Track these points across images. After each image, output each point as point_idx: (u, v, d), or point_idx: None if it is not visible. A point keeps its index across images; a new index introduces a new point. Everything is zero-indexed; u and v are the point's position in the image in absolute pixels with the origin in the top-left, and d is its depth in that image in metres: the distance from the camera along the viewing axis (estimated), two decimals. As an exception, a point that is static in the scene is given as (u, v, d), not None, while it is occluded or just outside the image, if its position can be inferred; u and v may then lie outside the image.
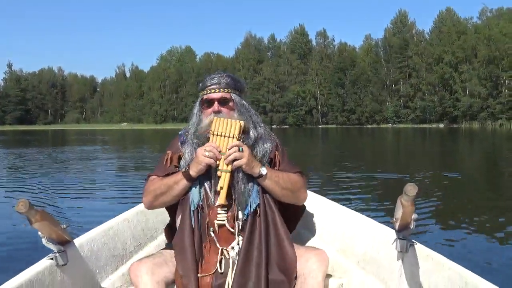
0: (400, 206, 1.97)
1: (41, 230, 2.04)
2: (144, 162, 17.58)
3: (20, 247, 5.50)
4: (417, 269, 2.14)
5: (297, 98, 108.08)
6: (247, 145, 2.39)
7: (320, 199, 3.31)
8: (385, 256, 2.40)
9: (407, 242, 2.19)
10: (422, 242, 2.27)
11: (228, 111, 2.46)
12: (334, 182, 11.34)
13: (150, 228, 3.10)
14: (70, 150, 27.67)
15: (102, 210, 7.89)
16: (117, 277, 2.59)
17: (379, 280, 2.45)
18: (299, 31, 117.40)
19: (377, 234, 2.56)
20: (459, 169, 14.56)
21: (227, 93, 2.48)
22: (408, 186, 1.84)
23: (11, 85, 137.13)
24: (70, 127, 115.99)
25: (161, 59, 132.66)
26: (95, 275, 2.46)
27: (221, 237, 2.34)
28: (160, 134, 53.49)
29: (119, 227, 2.79)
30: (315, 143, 36.74)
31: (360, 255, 2.65)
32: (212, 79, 2.52)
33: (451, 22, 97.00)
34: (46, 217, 2.01)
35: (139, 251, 2.91)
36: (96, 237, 2.55)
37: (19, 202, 1.87)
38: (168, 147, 2.56)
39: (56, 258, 2.13)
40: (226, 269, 2.29)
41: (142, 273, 2.19)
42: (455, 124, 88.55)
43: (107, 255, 2.59)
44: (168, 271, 2.29)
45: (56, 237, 2.13)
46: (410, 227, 2.09)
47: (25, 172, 14.67)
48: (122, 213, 2.99)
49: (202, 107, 2.51)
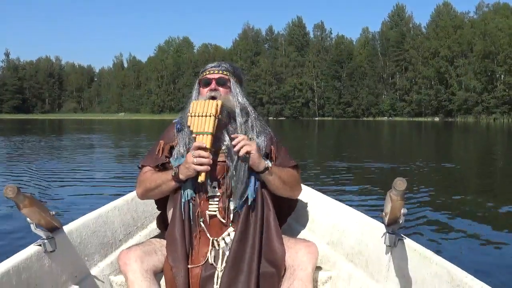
0: (389, 201, 1.97)
1: (29, 216, 2.03)
2: (139, 152, 17.56)
3: (8, 232, 5.50)
4: (405, 263, 2.15)
5: (294, 90, 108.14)
6: (232, 128, 2.41)
7: (311, 192, 3.31)
8: (374, 250, 2.41)
9: (396, 237, 2.19)
10: (411, 236, 2.28)
11: (225, 91, 2.46)
12: (326, 174, 11.35)
13: (140, 217, 3.09)
14: (66, 138, 27.68)
15: (92, 197, 7.92)
16: (106, 264, 2.59)
17: (367, 273, 2.45)
18: (297, 23, 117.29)
19: (366, 228, 2.56)
20: (452, 162, 14.60)
21: (226, 75, 2.48)
22: (397, 180, 1.83)
23: (9, 74, 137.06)
24: (67, 116, 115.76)
25: (159, 50, 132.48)
26: (83, 262, 2.45)
27: (212, 227, 2.34)
28: (157, 124, 53.40)
29: (109, 214, 2.78)
30: (310, 135, 36.76)
31: (349, 248, 2.65)
32: (212, 63, 2.54)
33: (448, 16, 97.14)
34: (34, 203, 1.99)
35: (129, 239, 2.90)
36: (85, 224, 2.54)
37: (7, 187, 1.86)
38: (162, 136, 2.54)
39: (44, 244, 2.12)
40: (216, 261, 2.29)
41: (131, 261, 2.18)
42: (450, 118, 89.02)
43: (96, 243, 2.58)
44: (157, 259, 2.29)
45: (44, 223, 2.12)
46: (399, 221, 2.09)
47: (19, 159, 14.65)
48: (112, 201, 2.98)
49: (199, 88, 2.51)
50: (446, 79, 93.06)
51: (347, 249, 2.67)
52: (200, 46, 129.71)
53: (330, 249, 2.82)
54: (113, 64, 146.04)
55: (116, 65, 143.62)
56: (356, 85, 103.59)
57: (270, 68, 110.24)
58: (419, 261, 2.08)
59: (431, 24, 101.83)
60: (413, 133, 39.10)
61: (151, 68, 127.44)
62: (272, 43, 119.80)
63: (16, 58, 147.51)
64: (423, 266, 2.05)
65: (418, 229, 5.93)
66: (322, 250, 2.68)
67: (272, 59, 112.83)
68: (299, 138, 30.06)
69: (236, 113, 2.44)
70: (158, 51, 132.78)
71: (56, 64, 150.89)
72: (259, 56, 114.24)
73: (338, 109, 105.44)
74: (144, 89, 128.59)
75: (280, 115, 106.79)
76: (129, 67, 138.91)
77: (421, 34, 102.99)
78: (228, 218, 2.34)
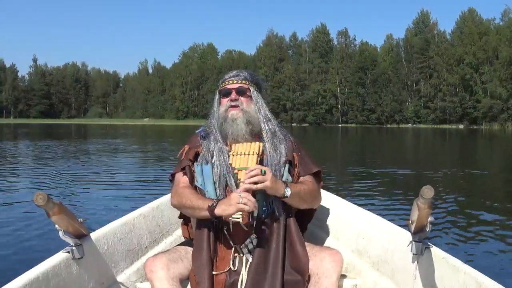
0: (416, 209, 1.95)
1: (58, 223, 2.06)
2: (164, 157, 17.69)
3: (37, 239, 5.57)
4: (432, 272, 2.12)
5: (318, 96, 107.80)
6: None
7: (336, 199, 3.29)
8: (400, 258, 2.38)
9: (423, 245, 2.16)
10: (438, 245, 2.25)
11: (246, 100, 2.46)
12: (350, 181, 11.31)
13: (165, 224, 3.10)
14: (92, 143, 27.99)
15: (119, 204, 7.97)
16: (132, 271, 2.61)
17: (393, 282, 2.43)
18: (320, 30, 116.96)
19: (392, 236, 2.54)
20: (479, 169, 14.38)
21: (245, 84, 2.48)
22: (424, 188, 1.82)
23: (36, 79, 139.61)
24: (93, 121, 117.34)
25: (183, 56, 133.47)
26: (110, 269, 2.47)
27: (235, 235, 2.34)
28: (181, 130, 53.77)
29: (135, 222, 2.80)
30: (334, 141, 36.59)
31: (375, 257, 2.63)
32: (230, 72, 2.54)
33: (473, 23, 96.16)
34: (63, 210, 2.02)
35: (155, 246, 2.92)
36: (112, 231, 2.56)
37: (37, 195, 1.88)
38: (187, 142, 2.56)
39: (73, 251, 2.15)
40: (240, 267, 2.30)
41: (157, 269, 2.19)
42: (474, 125, 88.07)
43: (123, 250, 2.60)
44: (183, 267, 2.30)
45: (72, 230, 2.14)
46: (426, 229, 2.07)
47: (46, 163, 14.85)
48: (138, 208, 3.00)
49: (220, 99, 2.51)
50: (471, 86, 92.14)
51: (373, 257, 2.65)
52: (224, 53, 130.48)
53: (355, 257, 2.80)
54: (138, 70, 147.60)
55: (141, 71, 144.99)
56: (380, 92, 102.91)
57: (294, 74, 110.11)
58: (447, 270, 2.04)
59: (456, 31, 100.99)
60: (437, 140, 38.66)
61: (176, 74, 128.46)
62: (296, 50, 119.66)
63: (44, 64, 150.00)
64: (451, 275, 2.01)
65: (444, 238, 5.86)
66: (347, 258, 2.66)
67: (296, 66, 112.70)
68: (322, 144, 29.95)
69: (260, 121, 2.45)
70: (182, 57, 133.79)
71: (82, 70, 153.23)
72: (283, 63, 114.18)
73: (361, 115, 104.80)
74: (168, 95, 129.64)
75: (304, 122, 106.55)
76: (154, 73, 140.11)
77: (445, 40, 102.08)
78: (252, 226, 2.33)
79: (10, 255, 5.01)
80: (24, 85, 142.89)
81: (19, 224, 6.36)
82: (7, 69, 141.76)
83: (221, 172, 2.36)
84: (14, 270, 2.53)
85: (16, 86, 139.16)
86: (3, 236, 5.80)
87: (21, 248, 5.30)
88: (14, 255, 5.04)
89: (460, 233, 6.18)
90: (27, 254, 5.01)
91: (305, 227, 2.68)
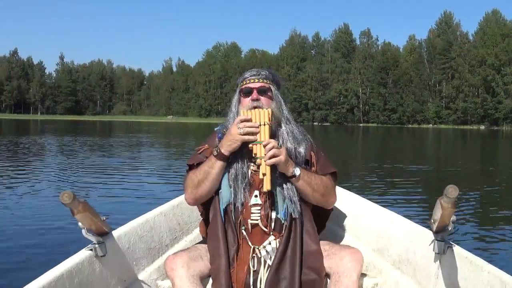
0: (439, 208, 1.93)
1: (82, 221, 2.09)
2: (187, 154, 17.77)
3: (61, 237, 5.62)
4: (454, 271, 2.09)
5: (339, 96, 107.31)
6: (281, 137, 2.41)
7: (356, 198, 3.29)
8: (422, 257, 2.36)
9: (445, 244, 2.14)
10: (460, 244, 2.23)
11: (267, 100, 2.44)
12: (371, 180, 11.22)
13: (186, 222, 3.12)
14: (116, 139, 28.27)
15: (140, 201, 8.04)
16: (153, 269, 2.64)
17: (414, 281, 2.41)
18: (343, 30, 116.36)
19: (413, 234, 2.51)
20: (501, 169, 14.17)
21: (266, 83, 2.47)
22: (449, 187, 1.80)
23: (63, 77, 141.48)
24: (117, 118, 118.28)
25: (207, 55, 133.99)
26: (132, 266, 2.50)
27: (254, 236, 2.35)
28: (204, 127, 53.95)
29: (155, 220, 2.82)
30: (355, 140, 36.36)
31: (396, 256, 2.61)
32: (251, 71, 2.52)
33: (496, 25, 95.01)
34: (87, 208, 2.04)
35: (175, 244, 2.94)
36: (133, 229, 2.59)
37: (63, 194, 1.91)
38: (206, 140, 2.56)
39: (95, 249, 2.18)
40: (258, 267, 2.31)
41: (177, 266, 2.22)
42: (496, 126, 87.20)
43: (144, 248, 2.63)
44: (203, 265, 2.32)
45: (95, 228, 2.17)
46: (448, 228, 2.06)
47: (70, 159, 15.08)
48: (158, 206, 3.02)
49: (240, 98, 2.50)
50: (492, 87, 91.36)
51: (394, 256, 2.63)
52: (248, 52, 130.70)
53: (376, 256, 2.79)
54: (163, 68, 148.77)
55: (166, 69, 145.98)
56: (401, 92, 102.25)
57: (316, 74, 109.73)
58: (470, 269, 2.02)
59: (478, 32, 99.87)
60: (458, 141, 38.16)
61: (199, 72, 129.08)
62: (319, 49, 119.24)
63: (70, 62, 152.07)
64: (474, 274, 1.98)
65: (466, 237, 5.80)
66: (367, 257, 2.66)
67: (318, 65, 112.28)
68: (343, 143, 29.79)
69: (282, 121, 2.46)
70: (206, 55, 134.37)
71: (108, 67, 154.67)
72: (306, 62, 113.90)
73: (383, 115, 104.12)
74: (192, 93, 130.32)
75: (325, 121, 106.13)
76: (178, 71, 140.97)
77: (468, 42, 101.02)
78: (270, 226, 2.35)
79: (34, 253, 5.03)
80: (51, 82, 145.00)
81: (43, 222, 6.40)
82: (35, 66, 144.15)
83: (237, 172, 2.37)
84: (41, 266, 2.57)
85: (44, 83, 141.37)
86: (27, 233, 5.84)
87: (44, 245, 5.34)
88: (37, 253, 5.05)
89: (482, 232, 6.13)
90: (50, 251, 5.05)
91: (323, 226, 2.69)
